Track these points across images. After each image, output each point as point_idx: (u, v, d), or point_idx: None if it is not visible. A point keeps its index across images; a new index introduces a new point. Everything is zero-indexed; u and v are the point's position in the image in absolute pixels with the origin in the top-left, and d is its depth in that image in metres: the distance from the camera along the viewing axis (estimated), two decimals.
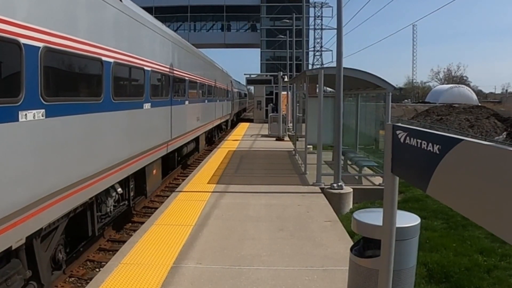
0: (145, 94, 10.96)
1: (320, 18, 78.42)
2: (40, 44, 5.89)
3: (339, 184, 11.68)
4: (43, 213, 6.09)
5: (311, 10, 77.01)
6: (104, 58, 8.15)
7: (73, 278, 8.49)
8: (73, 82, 7.30)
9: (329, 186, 11.77)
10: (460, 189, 2.51)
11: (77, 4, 7.23)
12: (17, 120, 5.38)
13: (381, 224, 3.67)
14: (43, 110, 5.96)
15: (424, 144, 2.92)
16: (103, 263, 8.90)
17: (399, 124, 3.49)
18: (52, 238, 6.99)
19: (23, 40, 5.48)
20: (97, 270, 8.73)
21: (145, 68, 10.92)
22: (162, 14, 69.45)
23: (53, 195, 6.28)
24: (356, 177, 13.75)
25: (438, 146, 2.75)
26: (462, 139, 2.52)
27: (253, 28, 79.89)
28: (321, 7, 76.74)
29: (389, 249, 3.64)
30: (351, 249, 4.57)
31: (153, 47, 11.95)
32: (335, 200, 11.17)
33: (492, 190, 2.18)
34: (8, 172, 5.23)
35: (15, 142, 5.39)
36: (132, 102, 10.07)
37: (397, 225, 3.92)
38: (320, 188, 11.97)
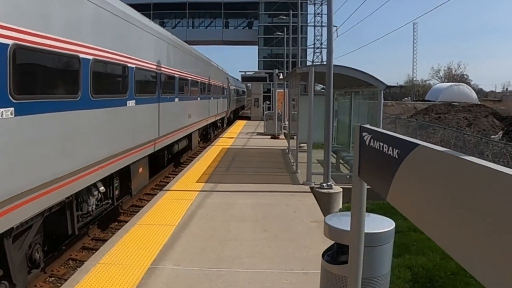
0: (129, 91, 10.75)
1: (320, 15, 77.90)
2: (9, 42, 5.70)
3: (329, 183, 11.49)
4: (13, 212, 5.92)
5: (311, 7, 76.64)
6: (81, 55, 7.95)
7: (53, 278, 8.39)
8: (46, 79, 7.11)
9: (319, 186, 11.57)
10: (416, 198, 2.33)
11: (52, 0, 7.04)
12: None
13: None
14: (12, 109, 5.77)
15: (386, 147, 2.75)
16: (85, 262, 8.75)
17: (366, 126, 3.30)
18: (25, 237, 6.82)
19: None
20: (78, 269, 8.58)
21: (129, 65, 10.70)
22: (161, 10, 69.35)
23: (24, 195, 6.10)
24: (348, 176, 13.56)
25: (397, 150, 2.57)
26: (418, 144, 2.33)
27: (250, 25, 79.62)
28: (321, 4, 76.26)
29: (357, 256, 3.47)
30: (323, 255, 4.40)
31: (138, 44, 11.73)
32: (324, 200, 10.99)
33: (446, 201, 1.99)
34: None
35: None
36: (114, 99, 9.86)
37: (369, 231, 3.77)
38: (310, 188, 11.78)
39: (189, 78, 19.37)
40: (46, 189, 6.76)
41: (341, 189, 11.52)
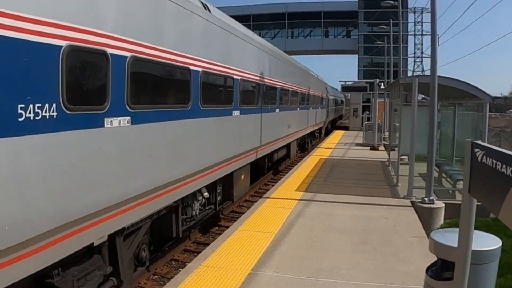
0: (234, 102, 11.17)
1: (420, 23, 75.69)
2: (127, 54, 6.16)
3: (431, 198, 11.16)
4: (126, 214, 6.36)
5: (411, 15, 74.82)
6: (192, 67, 8.39)
7: (156, 276, 8.87)
8: (160, 89, 7.58)
9: (420, 200, 11.28)
10: None
11: (164, 15, 7.50)
12: (103, 126, 5.67)
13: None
14: (129, 117, 6.23)
15: (499, 165, 2.71)
16: (186, 263, 9.15)
17: (478, 142, 3.26)
18: (135, 237, 7.29)
19: (110, 50, 5.76)
20: (180, 269, 9.01)
21: (234, 76, 11.12)
22: (260, 22, 70.68)
23: (136, 198, 6.54)
24: (450, 191, 13.07)
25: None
26: None
27: (348, 34, 79.04)
28: (421, 12, 74.06)
29: (463, 273, 3.44)
30: (427, 270, 4.35)
31: (242, 56, 12.15)
32: (425, 215, 10.70)
33: None
34: (91, 175, 5.51)
35: (100, 147, 5.68)
36: (221, 109, 10.29)
37: (476, 248, 3.69)
38: (411, 202, 11.53)
39: (289, 89, 19.64)
40: (157, 193, 7.20)
41: (443, 205, 11.17)
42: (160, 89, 7.57)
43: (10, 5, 4.20)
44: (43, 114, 4.60)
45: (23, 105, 4.34)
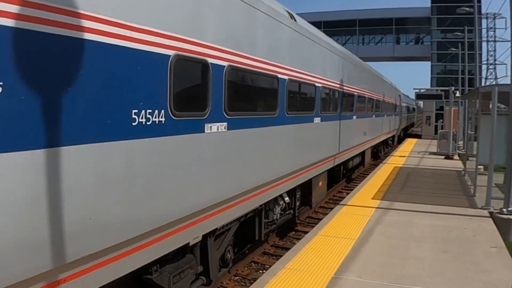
0: (315, 109, 11.43)
1: (493, 29, 72.79)
2: (225, 63, 6.55)
3: (509, 209, 10.97)
4: (219, 215, 6.73)
5: (484, 21, 71.92)
6: (279, 76, 8.73)
7: (237, 277, 9.20)
8: (251, 97, 7.96)
9: (498, 211, 11.11)
10: None
11: (257, 25, 7.86)
12: (203, 131, 6.07)
13: None
14: (226, 123, 6.61)
15: None
16: (266, 266, 9.49)
17: None
18: (224, 238, 7.66)
19: (210, 60, 6.16)
20: (261, 271, 9.34)
21: (316, 84, 11.39)
22: (331, 28, 70.45)
23: (229, 200, 6.91)
24: None
25: None
26: None
27: (417, 40, 77.40)
28: (494, 18, 71.18)
29: None
30: None
31: (323, 64, 12.40)
32: (504, 226, 10.54)
33: None
34: (191, 177, 5.91)
35: (200, 151, 6.07)
36: (303, 116, 10.59)
37: None
38: (489, 212, 11.37)
39: (366, 96, 19.70)
40: (247, 196, 7.56)
41: None
42: (252, 96, 7.95)
43: (127, 16, 4.61)
44: (153, 119, 4.99)
45: (136, 111, 4.73)
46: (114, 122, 4.47)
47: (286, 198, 10.18)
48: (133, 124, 4.71)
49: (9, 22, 3.39)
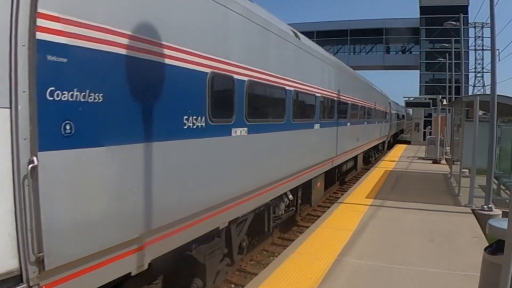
0: (316, 116, 12.77)
1: (481, 38, 74.51)
2: (246, 79, 7.86)
3: (489, 206, 12.20)
4: (241, 205, 8.02)
5: (471, 30, 73.58)
6: (287, 87, 10.07)
7: (253, 262, 10.56)
8: (265, 106, 9.28)
9: (480, 208, 12.38)
10: None
11: (269, 45, 9.19)
12: (231, 134, 7.37)
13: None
14: (246, 128, 7.91)
15: None
16: (276, 254, 10.70)
17: None
18: (242, 227, 8.93)
19: (235, 76, 7.46)
20: (272, 258, 10.55)
21: (316, 94, 12.76)
22: (323, 38, 71.85)
23: (248, 193, 8.22)
24: (507, 201, 14.01)
25: None
26: None
27: (403, 50, 79.06)
28: (482, 27, 72.89)
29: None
30: (485, 249, 5.69)
31: (322, 76, 13.77)
32: (484, 221, 11.48)
33: None
34: (222, 172, 7.20)
35: (228, 150, 7.37)
36: (306, 123, 11.95)
37: None
38: (471, 209, 12.56)
39: (359, 104, 21.06)
40: (261, 191, 8.86)
41: (501, 212, 12.17)
42: (265, 105, 9.27)
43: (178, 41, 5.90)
44: (197, 124, 6.29)
45: (186, 117, 6.03)
46: (175, 125, 5.80)
47: (290, 196, 11.43)
48: (184, 127, 5.99)
49: (121, 51, 4.75)
